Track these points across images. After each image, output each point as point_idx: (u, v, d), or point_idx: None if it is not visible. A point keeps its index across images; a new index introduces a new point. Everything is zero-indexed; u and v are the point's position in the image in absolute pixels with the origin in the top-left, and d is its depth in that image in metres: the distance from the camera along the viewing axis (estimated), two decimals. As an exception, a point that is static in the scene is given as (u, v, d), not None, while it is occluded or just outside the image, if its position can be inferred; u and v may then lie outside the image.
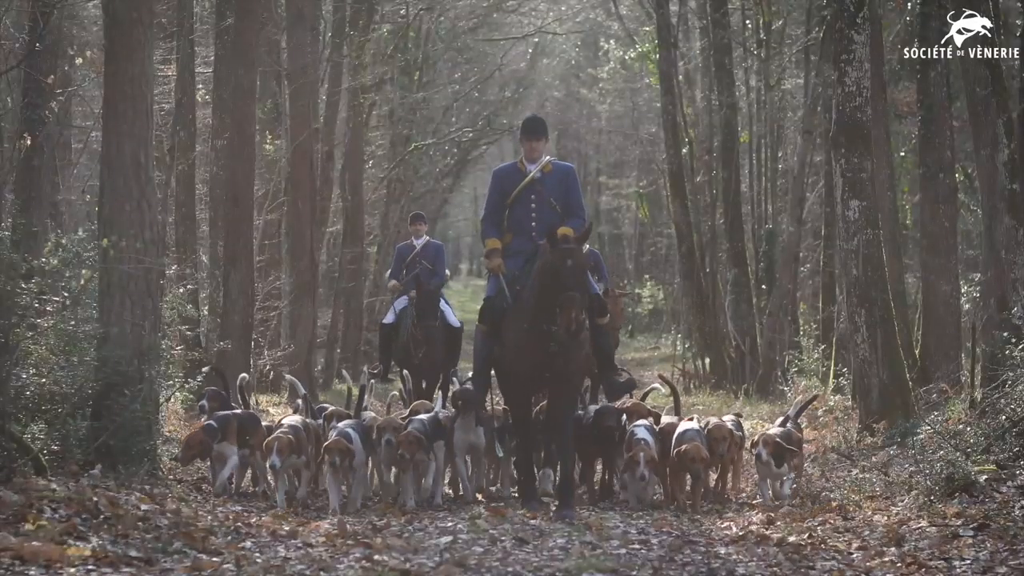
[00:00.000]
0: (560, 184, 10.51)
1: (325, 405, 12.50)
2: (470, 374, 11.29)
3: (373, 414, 11.51)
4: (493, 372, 10.90)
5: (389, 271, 15.86)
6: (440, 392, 12.22)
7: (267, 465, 10.11)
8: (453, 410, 10.95)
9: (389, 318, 15.17)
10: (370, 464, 11.03)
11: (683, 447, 10.37)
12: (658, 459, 10.52)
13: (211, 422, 10.56)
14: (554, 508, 10.14)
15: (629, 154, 41.23)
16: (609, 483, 11.30)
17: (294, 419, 10.86)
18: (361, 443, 10.34)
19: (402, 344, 14.69)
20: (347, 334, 25.94)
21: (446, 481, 11.28)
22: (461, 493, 11.04)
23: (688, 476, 10.63)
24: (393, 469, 10.88)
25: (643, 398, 11.86)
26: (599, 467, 11.59)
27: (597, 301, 10.64)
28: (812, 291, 26.94)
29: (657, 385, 12.80)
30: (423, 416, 10.85)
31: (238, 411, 11.17)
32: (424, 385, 14.56)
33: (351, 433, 10.33)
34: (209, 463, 10.88)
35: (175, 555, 8.05)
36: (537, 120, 10.83)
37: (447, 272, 15.79)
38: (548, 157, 10.70)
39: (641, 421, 10.89)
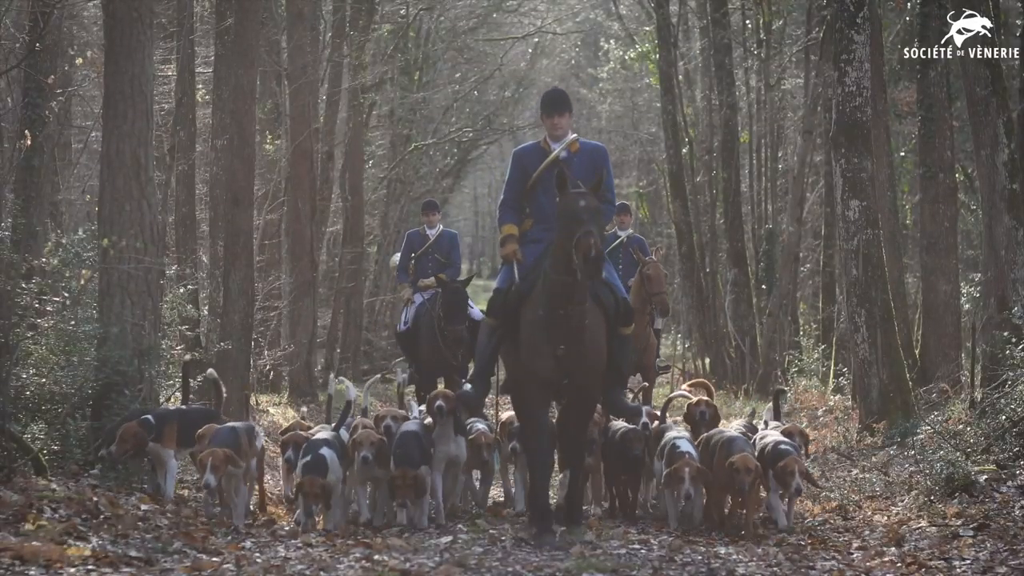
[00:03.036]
0: (589, 165, 9.23)
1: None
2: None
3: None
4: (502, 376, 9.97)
5: (397, 255, 14.68)
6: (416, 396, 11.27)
7: (202, 484, 9.16)
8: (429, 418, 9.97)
9: (403, 325, 14.00)
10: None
11: (732, 459, 9.10)
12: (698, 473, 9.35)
13: (148, 416, 9.69)
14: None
15: (629, 154, 41.21)
16: (633, 507, 10.14)
17: (239, 424, 9.91)
18: (338, 461, 9.32)
19: (429, 347, 13.44)
20: (347, 334, 25.94)
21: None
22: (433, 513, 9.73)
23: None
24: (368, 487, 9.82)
25: (665, 407, 10.73)
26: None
27: (624, 307, 9.25)
28: (812, 291, 26.96)
29: (684, 392, 11.62)
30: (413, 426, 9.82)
31: (186, 408, 10.36)
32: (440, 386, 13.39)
33: (326, 458, 9.19)
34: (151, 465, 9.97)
35: (175, 555, 8.06)
36: (558, 93, 9.53)
37: (460, 264, 14.57)
38: (574, 135, 9.43)
39: (680, 431, 9.87)
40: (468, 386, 10.11)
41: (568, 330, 8.82)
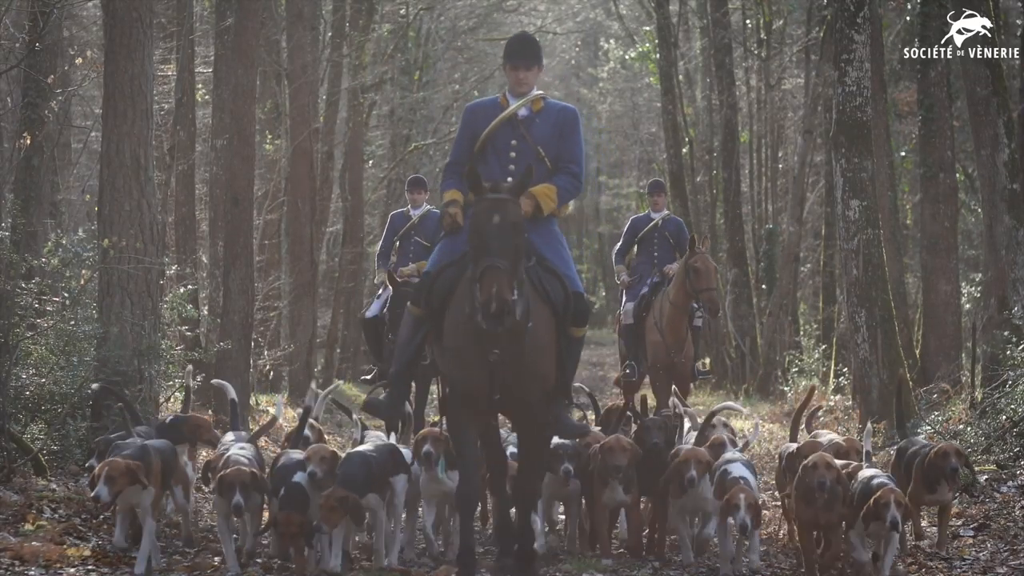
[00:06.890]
0: (554, 128, 7.63)
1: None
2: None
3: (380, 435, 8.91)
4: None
5: (380, 243, 13.20)
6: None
7: (93, 495, 7.47)
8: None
9: (373, 310, 12.45)
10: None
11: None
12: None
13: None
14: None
15: (629, 154, 41.24)
16: (661, 534, 8.52)
17: (160, 443, 8.15)
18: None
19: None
20: (347, 334, 25.93)
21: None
22: (424, 547, 8.52)
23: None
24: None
25: (707, 421, 9.03)
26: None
27: (577, 304, 7.47)
28: (812, 291, 26.95)
29: (733, 404, 9.96)
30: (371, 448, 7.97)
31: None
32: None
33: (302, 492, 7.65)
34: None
35: (175, 555, 8.06)
36: (526, 40, 7.81)
37: None
38: (540, 92, 7.75)
39: (734, 455, 8.28)
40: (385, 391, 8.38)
41: (504, 332, 7.03)
